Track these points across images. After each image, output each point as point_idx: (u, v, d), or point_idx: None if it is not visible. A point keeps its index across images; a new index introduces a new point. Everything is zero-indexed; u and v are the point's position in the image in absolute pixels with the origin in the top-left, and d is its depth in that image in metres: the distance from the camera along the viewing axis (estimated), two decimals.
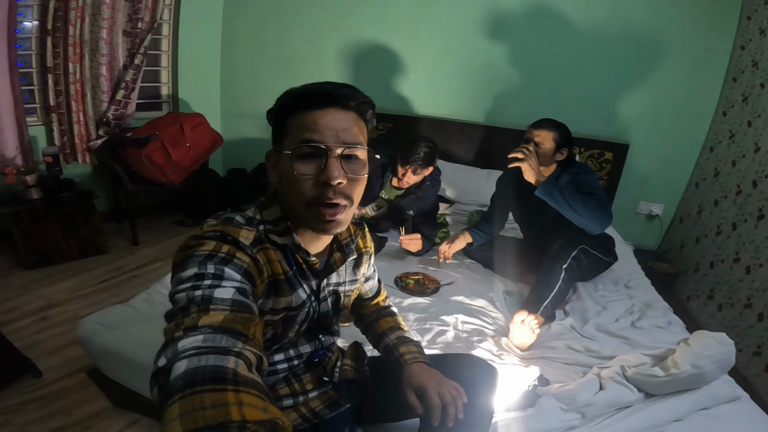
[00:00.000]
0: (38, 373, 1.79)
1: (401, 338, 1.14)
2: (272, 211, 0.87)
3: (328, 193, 0.78)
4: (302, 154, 0.79)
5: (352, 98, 0.81)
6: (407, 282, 2.04)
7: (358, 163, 0.82)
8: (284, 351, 0.97)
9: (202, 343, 0.57)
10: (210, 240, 0.75)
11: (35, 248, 2.65)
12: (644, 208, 3.14)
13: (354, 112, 0.82)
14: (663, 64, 2.82)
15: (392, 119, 3.29)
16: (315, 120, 0.78)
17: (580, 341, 1.74)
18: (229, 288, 0.68)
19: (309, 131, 0.78)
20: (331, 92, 0.80)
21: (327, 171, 0.77)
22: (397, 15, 3.14)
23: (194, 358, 0.54)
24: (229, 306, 0.65)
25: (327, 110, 0.79)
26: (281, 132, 0.83)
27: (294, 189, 0.80)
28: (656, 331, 1.81)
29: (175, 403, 0.49)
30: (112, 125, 3.06)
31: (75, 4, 2.72)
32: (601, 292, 2.14)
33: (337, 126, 0.79)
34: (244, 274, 0.74)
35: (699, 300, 2.62)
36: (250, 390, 0.52)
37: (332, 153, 0.78)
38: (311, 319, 0.96)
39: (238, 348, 0.58)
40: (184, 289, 0.66)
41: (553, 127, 2.01)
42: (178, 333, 0.59)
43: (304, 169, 0.78)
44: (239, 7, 3.38)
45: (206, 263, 0.70)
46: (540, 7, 2.91)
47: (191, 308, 0.63)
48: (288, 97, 0.83)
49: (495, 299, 2.01)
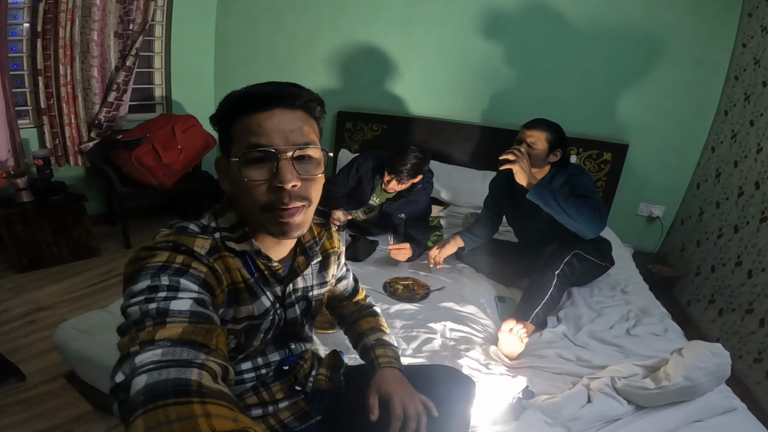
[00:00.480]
0: (22, 376, 1.80)
1: (380, 341, 1.11)
2: (228, 217, 0.84)
3: (283, 198, 0.75)
4: (251, 159, 0.75)
5: (298, 96, 0.77)
6: (396, 287, 2.00)
7: (312, 163, 0.78)
8: (252, 359, 0.93)
9: (162, 356, 0.54)
10: (162, 251, 0.71)
11: (26, 251, 2.63)
12: (644, 210, 3.08)
13: (302, 110, 0.78)
14: (662, 62, 2.76)
15: (386, 120, 3.25)
16: (260, 123, 0.74)
17: (572, 350, 1.68)
18: (186, 299, 0.65)
19: (255, 135, 0.74)
20: (274, 92, 0.76)
21: (279, 175, 0.74)
22: (391, 15, 3.09)
23: (154, 373, 0.52)
24: (188, 318, 0.62)
25: (272, 111, 0.75)
26: (227, 138, 0.80)
27: (247, 196, 0.76)
28: (652, 339, 1.75)
29: (138, 419, 0.46)
30: (104, 127, 3.04)
31: (65, 6, 2.69)
32: (597, 298, 2.09)
33: (284, 127, 0.75)
34: (201, 285, 0.70)
35: (699, 304, 2.56)
36: (217, 401, 0.50)
37: (283, 156, 0.74)
38: (277, 327, 0.92)
39: (200, 360, 0.56)
40: (137, 302, 0.62)
41: (546, 127, 1.95)
42: (133, 348, 0.56)
43: (254, 175, 0.75)
44: (232, 8, 3.35)
45: (159, 275, 0.66)
46: (536, 5, 2.86)
47: (146, 322, 0.60)
48: (231, 100, 0.78)
49: (486, 305, 1.96)
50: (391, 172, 2.20)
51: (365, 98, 3.29)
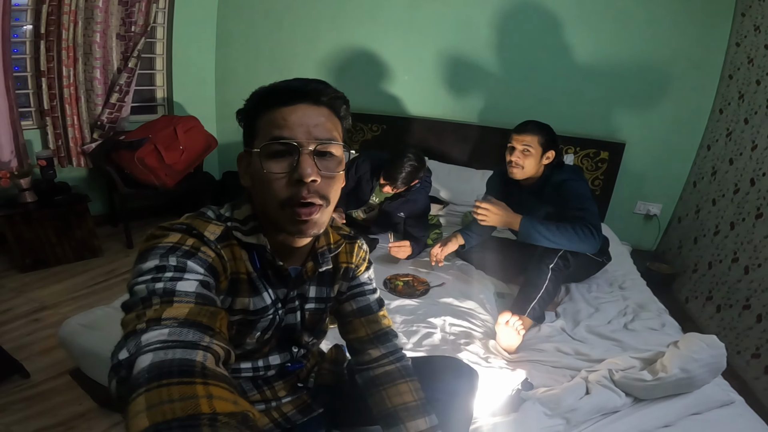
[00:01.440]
0: (26, 374, 1.81)
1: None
2: (243, 210, 0.85)
3: (302, 191, 0.75)
4: (273, 152, 0.75)
5: (324, 93, 0.78)
6: (396, 284, 2.02)
7: (333, 161, 0.78)
8: (252, 360, 0.92)
9: (168, 336, 0.55)
10: (175, 232, 0.73)
11: (29, 251, 2.65)
12: (641, 208, 3.10)
13: (326, 107, 0.79)
14: (658, 61, 2.78)
15: (386, 120, 3.27)
16: (285, 116, 0.75)
17: (570, 344, 1.71)
18: (192, 281, 0.66)
19: (279, 128, 0.75)
20: (300, 87, 0.77)
21: (299, 168, 0.74)
22: (390, 16, 3.12)
23: (160, 352, 0.52)
24: (194, 299, 0.63)
25: (297, 106, 0.76)
26: (251, 132, 0.80)
27: (266, 189, 0.76)
28: (649, 333, 1.79)
29: (140, 396, 0.47)
30: (106, 129, 3.06)
31: (68, 8, 2.72)
32: (595, 294, 2.12)
33: (308, 122, 0.76)
34: (208, 269, 0.71)
35: (697, 301, 2.58)
36: (219, 383, 0.51)
37: (304, 149, 0.74)
38: (277, 329, 0.91)
39: (205, 342, 0.56)
40: (145, 281, 0.63)
41: (537, 129, 1.95)
42: (140, 325, 0.56)
43: (275, 168, 0.75)
44: (233, 9, 3.38)
45: (168, 255, 0.68)
46: (532, 5, 2.89)
47: (153, 300, 0.60)
48: (257, 95, 0.80)
49: (485, 301, 1.99)
50: (387, 178, 2.22)
51: (365, 99, 3.31)
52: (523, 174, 1.97)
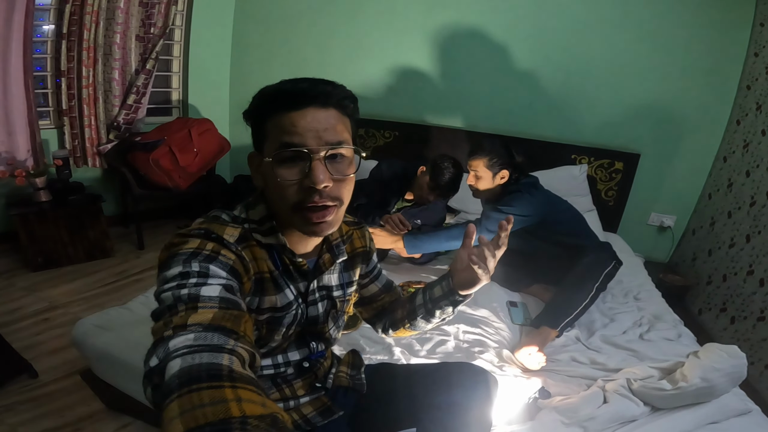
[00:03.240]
0: (34, 373, 1.80)
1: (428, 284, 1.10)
2: (258, 210, 0.85)
3: (313, 197, 0.75)
4: (284, 158, 0.75)
5: (332, 95, 0.77)
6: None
7: (344, 162, 0.79)
8: (272, 356, 0.93)
9: (194, 341, 0.56)
10: (194, 238, 0.74)
11: (41, 250, 2.67)
12: (655, 220, 3.08)
13: (335, 108, 0.78)
14: (675, 71, 2.77)
15: (399, 127, 3.28)
16: (294, 122, 0.74)
17: (585, 353, 1.69)
18: (215, 285, 0.67)
19: (288, 134, 0.74)
20: (307, 90, 0.76)
21: (311, 175, 0.74)
22: (405, 22, 3.13)
23: (188, 357, 0.53)
24: (218, 303, 0.64)
25: (306, 110, 0.75)
26: (260, 134, 0.80)
27: (278, 194, 0.77)
28: (665, 344, 1.76)
29: (173, 402, 0.48)
30: (122, 130, 3.09)
31: (90, 8, 2.76)
32: (609, 304, 2.09)
33: (318, 126, 0.75)
34: (230, 272, 0.72)
35: (711, 313, 2.55)
36: (247, 386, 0.51)
37: (316, 156, 0.74)
38: (299, 323, 0.92)
39: (230, 345, 0.57)
40: (170, 288, 0.65)
41: (484, 152, 1.99)
42: (167, 332, 0.58)
43: (287, 175, 0.75)
44: (249, 13, 3.41)
45: (191, 261, 0.68)
46: (546, 11, 2.89)
47: (179, 307, 0.62)
48: (263, 97, 0.79)
49: (499, 309, 1.96)
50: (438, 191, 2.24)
51: (378, 105, 3.33)
52: (479, 195, 2.09)
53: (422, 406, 1.04)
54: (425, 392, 1.06)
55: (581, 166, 2.96)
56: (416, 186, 2.27)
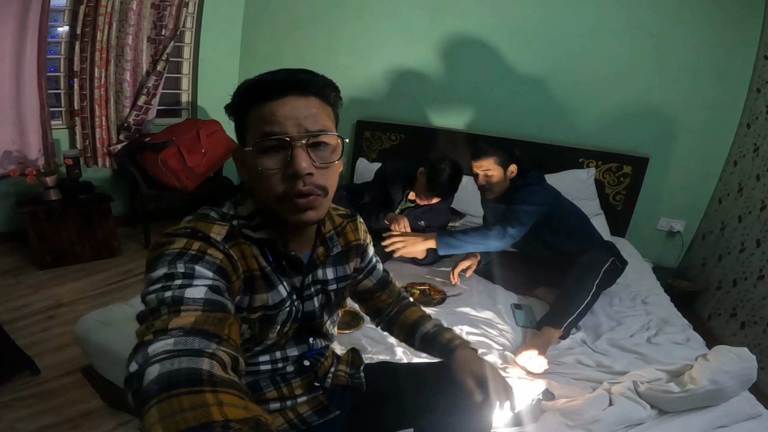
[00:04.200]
0: (36, 370, 1.80)
1: (439, 326, 1.12)
2: (246, 206, 0.85)
3: (297, 185, 0.75)
4: (265, 148, 0.75)
5: (311, 83, 0.77)
6: (413, 292, 2.00)
7: (327, 150, 0.78)
8: (270, 353, 0.92)
9: (174, 346, 0.55)
10: (180, 237, 0.73)
11: (50, 248, 2.69)
12: (664, 225, 3.04)
13: (315, 97, 0.78)
14: (683, 74, 2.75)
15: (405, 130, 3.28)
16: (273, 111, 0.74)
17: (591, 356, 1.66)
18: (200, 287, 0.66)
19: (269, 124, 0.74)
20: (286, 79, 0.76)
21: (293, 163, 0.74)
22: (412, 25, 3.15)
23: (167, 362, 0.53)
24: (201, 306, 0.63)
25: (285, 99, 0.75)
26: (242, 127, 0.80)
27: (263, 184, 0.77)
28: (674, 347, 1.73)
29: (152, 408, 0.48)
30: (132, 130, 3.13)
31: (104, 9, 2.80)
32: (616, 308, 2.07)
33: (298, 114, 0.75)
34: (217, 271, 0.71)
35: (721, 318, 2.51)
36: (228, 390, 0.51)
37: (297, 143, 0.74)
38: (295, 320, 0.91)
39: (211, 349, 0.57)
40: (155, 290, 0.65)
41: (490, 152, 2.03)
42: (148, 336, 0.57)
43: (269, 164, 0.75)
44: (259, 15, 3.44)
45: (176, 262, 0.68)
46: (553, 14, 2.89)
47: (161, 310, 0.61)
48: (243, 90, 0.78)
49: (503, 311, 1.94)
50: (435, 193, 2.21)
51: (384, 108, 3.34)
52: (494, 195, 2.09)
53: (421, 406, 1.03)
54: (425, 392, 1.04)
55: (589, 170, 2.94)
56: (417, 188, 2.26)
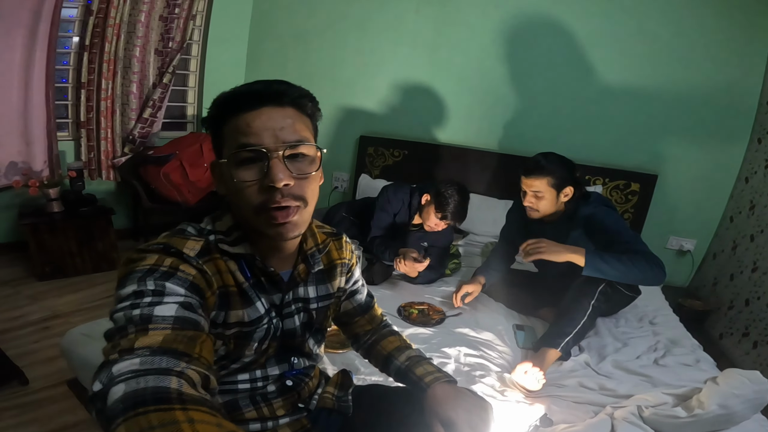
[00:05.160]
0: (25, 381, 1.80)
1: (413, 359, 1.04)
2: (224, 221, 0.83)
3: (275, 197, 0.74)
4: (241, 160, 0.74)
5: (286, 94, 0.76)
6: (410, 312, 1.94)
7: (305, 161, 0.77)
8: (249, 371, 0.89)
9: (140, 365, 0.54)
10: (152, 253, 0.72)
11: (49, 260, 2.69)
12: (674, 244, 2.95)
13: (292, 107, 0.77)
14: (693, 88, 2.69)
15: (408, 146, 3.25)
16: (248, 122, 0.74)
17: (595, 379, 1.59)
18: (171, 304, 0.65)
19: (244, 135, 0.74)
20: (261, 91, 0.75)
21: (270, 174, 0.72)
22: (415, 40, 3.15)
23: (132, 381, 0.52)
24: (171, 324, 0.62)
25: (261, 110, 0.75)
26: (219, 140, 0.80)
27: (240, 197, 0.76)
28: (682, 369, 1.65)
29: (120, 426, 0.47)
30: (137, 143, 3.14)
31: (113, 21, 2.83)
32: (623, 329, 1.99)
33: (274, 125, 0.74)
34: (189, 288, 0.70)
35: (732, 337, 2.42)
36: (199, 407, 0.50)
37: (273, 154, 0.73)
38: (273, 337, 0.88)
39: (180, 368, 0.56)
40: (123, 308, 0.63)
41: (546, 171, 1.81)
42: (113, 356, 0.56)
43: (245, 176, 0.74)
44: (264, 30, 3.48)
45: (146, 279, 0.67)
46: (559, 29, 2.86)
47: (129, 328, 0.60)
48: (219, 102, 0.78)
49: (504, 332, 1.88)
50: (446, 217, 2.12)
51: (387, 123, 3.33)
52: (540, 215, 1.90)
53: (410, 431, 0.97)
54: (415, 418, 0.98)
55: (595, 188, 2.87)
56: (424, 215, 2.21)
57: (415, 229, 2.35)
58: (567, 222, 1.89)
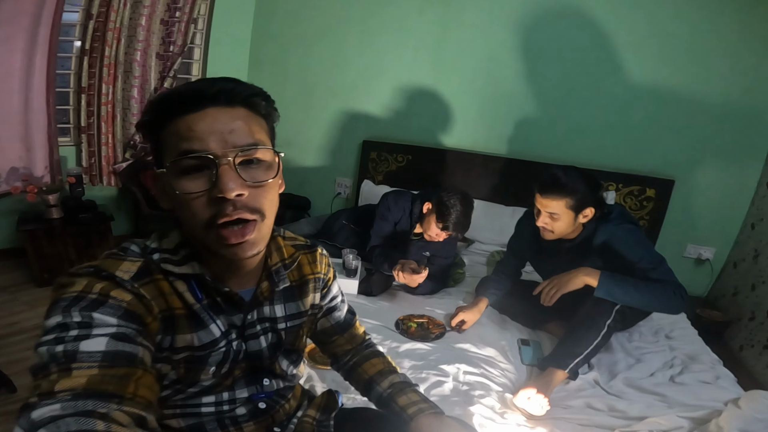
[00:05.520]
0: (13, 388, 1.78)
1: (397, 386, 0.96)
2: (171, 238, 0.75)
3: (225, 209, 0.65)
4: (184, 168, 0.65)
5: (234, 92, 0.68)
6: (409, 325, 1.85)
7: (261, 167, 0.69)
8: (215, 394, 0.81)
9: (61, 411, 0.51)
10: (82, 278, 0.64)
11: (48, 267, 2.66)
12: (692, 252, 2.82)
13: (243, 107, 0.69)
14: (711, 89, 2.56)
15: (412, 151, 3.16)
16: (190, 126, 0.65)
17: (604, 399, 1.50)
18: (100, 337, 0.58)
19: (186, 140, 0.65)
20: (205, 89, 0.66)
21: (219, 183, 0.64)
22: (420, 43, 3.06)
23: (52, 426, 0.49)
24: (98, 361, 0.56)
25: (205, 111, 0.66)
26: (158, 147, 0.70)
27: (185, 212, 0.67)
28: (701, 388, 1.55)
29: None
30: (138, 148, 3.10)
31: (113, 25, 2.80)
32: (636, 343, 1.89)
33: (222, 128, 0.65)
34: (123, 316, 0.62)
35: (754, 349, 2.30)
36: None
37: (223, 161, 0.64)
38: (234, 361, 0.80)
39: (107, 410, 0.53)
40: (47, 342, 0.57)
41: (565, 191, 1.61)
42: (32, 399, 0.52)
43: (190, 187, 0.65)
44: (267, 33, 3.42)
45: (71, 309, 0.59)
46: (568, 28, 2.76)
47: (51, 367, 0.55)
48: (156, 103, 0.69)
49: (507, 348, 1.78)
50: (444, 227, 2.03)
51: (391, 128, 3.25)
52: (555, 236, 1.74)
53: None
54: None
55: (609, 194, 2.75)
56: (425, 224, 2.12)
57: (417, 239, 2.27)
58: (584, 242, 1.75)
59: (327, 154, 3.47)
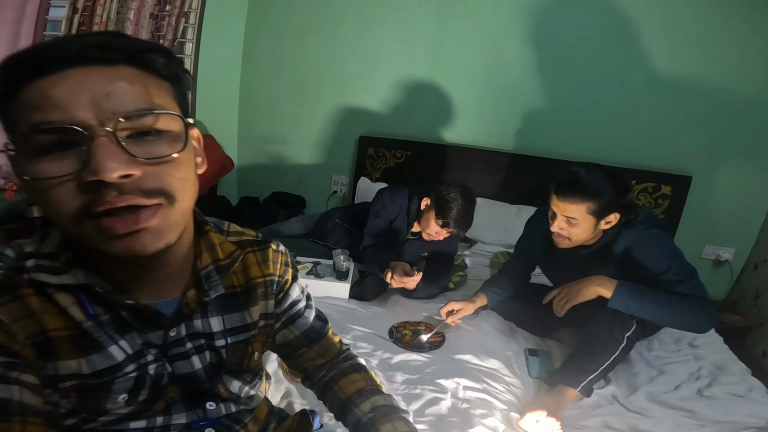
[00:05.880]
0: None
1: (380, 410, 0.78)
2: (53, 239, 0.59)
3: (104, 195, 0.48)
4: (40, 147, 0.48)
5: (111, 46, 0.50)
6: (404, 333, 1.68)
7: (163, 139, 0.52)
8: (147, 419, 0.64)
9: None
10: None
11: None
12: (710, 253, 2.68)
13: (127, 65, 0.51)
14: (730, 79, 2.43)
15: (411, 146, 3.03)
16: (43, 91, 0.48)
17: (624, 417, 1.36)
18: None
19: (39, 110, 0.48)
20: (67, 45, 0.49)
21: (91, 162, 0.47)
22: (419, 34, 2.94)
23: None
24: None
25: (66, 72, 0.48)
26: (9, 122, 0.51)
27: (45, 202, 0.50)
28: (733, 402, 1.42)
29: None
30: None
31: (99, 19, 2.69)
32: (657, 353, 1.74)
33: (93, 91, 0.48)
34: None
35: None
36: None
37: (99, 131, 0.48)
38: (155, 387, 0.63)
39: None
40: None
41: (587, 194, 1.42)
42: None
43: (49, 170, 0.48)
44: (260, 26, 3.32)
45: None
46: (578, 16, 2.62)
47: None
48: (5, 68, 0.50)
49: (513, 359, 1.61)
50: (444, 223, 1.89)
51: (389, 122, 3.12)
52: (571, 244, 1.55)
53: None
54: None
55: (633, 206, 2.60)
56: (423, 222, 1.98)
57: (414, 238, 2.12)
58: (603, 248, 1.56)
59: (323, 151, 3.34)
